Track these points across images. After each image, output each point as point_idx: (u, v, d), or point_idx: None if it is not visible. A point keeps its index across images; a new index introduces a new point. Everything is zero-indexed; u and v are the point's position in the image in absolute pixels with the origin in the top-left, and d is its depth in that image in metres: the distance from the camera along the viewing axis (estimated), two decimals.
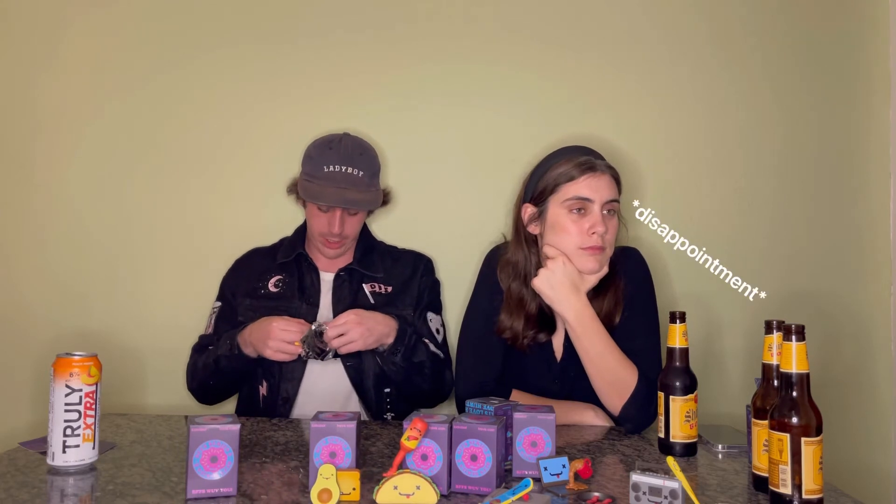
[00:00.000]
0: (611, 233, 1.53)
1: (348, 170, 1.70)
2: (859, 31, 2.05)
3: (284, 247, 1.85)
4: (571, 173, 1.52)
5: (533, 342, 1.59)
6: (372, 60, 2.04)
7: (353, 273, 1.79)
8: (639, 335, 1.54)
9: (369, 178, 1.72)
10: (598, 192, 1.51)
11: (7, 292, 2.03)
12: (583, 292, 1.51)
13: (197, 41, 2.04)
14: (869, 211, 2.04)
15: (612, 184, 1.54)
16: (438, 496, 1.04)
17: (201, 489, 1.06)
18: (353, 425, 1.10)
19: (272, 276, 1.81)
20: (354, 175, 1.70)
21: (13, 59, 2.05)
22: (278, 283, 1.79)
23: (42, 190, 2.04)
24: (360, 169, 1.71)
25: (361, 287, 1.78)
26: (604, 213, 1.52)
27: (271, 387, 1.71)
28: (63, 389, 1.17)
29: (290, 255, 1.81)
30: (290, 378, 1.70)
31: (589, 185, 1.51)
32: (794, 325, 1.05)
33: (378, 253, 1.86)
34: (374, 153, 1.79)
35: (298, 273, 1.80)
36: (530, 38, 2.03)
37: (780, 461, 1.03)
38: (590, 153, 1.58)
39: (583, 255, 1.51)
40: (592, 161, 1.54)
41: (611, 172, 1.55)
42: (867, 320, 2.03)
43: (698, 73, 2.04)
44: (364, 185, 1.71)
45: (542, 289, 1.51)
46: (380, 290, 1.79)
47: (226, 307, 1.80)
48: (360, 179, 1.70)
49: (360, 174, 1.70)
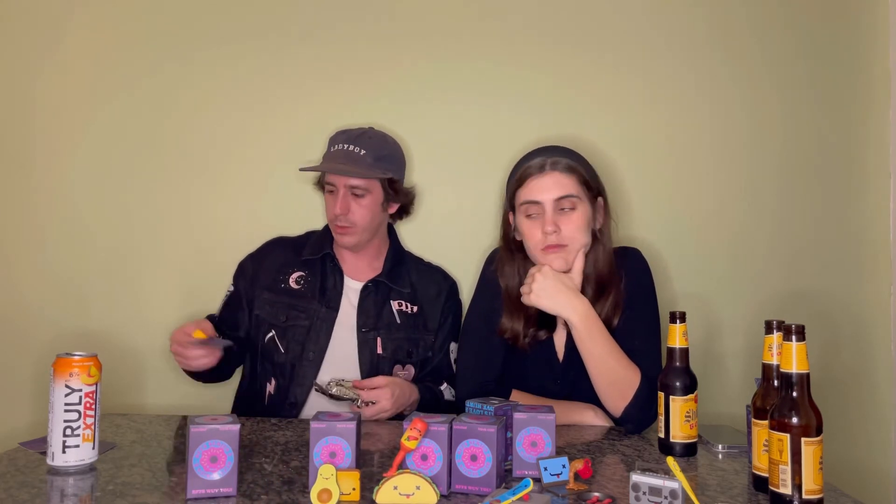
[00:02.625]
0: (570, 228, 1.52)
1: (350, 147, 1.69)
2: (859, 31, 2.05)
3: (311, 242, 1.82)
4: (521, 178, 1.56)
5: (534, 340, 1.59)
6: (375, 59, 2.04)
7: (380, 286, 1.77)
8: (639, 335, 1.53)
9: (372, 159, 1.69)
10: (546, 191, 1.52)
11: (7, 292, 2.03)
12: (580, 293, 1.51)
13: (198, 38, 2.04)
14: (869, 211, 2.04)
15: (563, 180, 1.53)
16: (438, 496, 1.04)
17: (201, 489, 1.06)
18: (353, 425, 1.10)
19: (294, 271, 1.78)
20: (355, 153, 1.68)
21: (13, 60, 2.05)
22: (300, 280, 1.76)
23: (42, 190, 2.04)
24: (362, 148, 1.69)
25: (388, 303, 1.76)
26: (560, 210, 1.52)
27: (279, 387, 1.70)
28: (63, 389, 1.17)
29: (316, 254, 1.79)
30: (300, 383, 1.68)
31: (536, 188, 1.53)
32: (794, 325, 1.05)
33: (406, 265, 1.84)
34: (393, 144, 1.79)
35: (322, 273, 1.77)
36: (539, 39, 2.03)
37: (780, 461, 1.03)
38: (546, 152, 1.57)
39: (546, 256, 1.53)
40: (539, 162, 1.54)
41: (562, 168, 1.54)
42: (867, 320, 2.03)
43: (700, 73, 2.04)
44: (365, 164, 1.69)
45: (539, 303, 1.50)
46: (407, 309, 1.77)
47: (236, 296, 1.78)
48: (360, 157, 1.68)
49: (363, 153, 1.69)
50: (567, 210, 1.53)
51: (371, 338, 1.72)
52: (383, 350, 1.72)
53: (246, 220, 2.01)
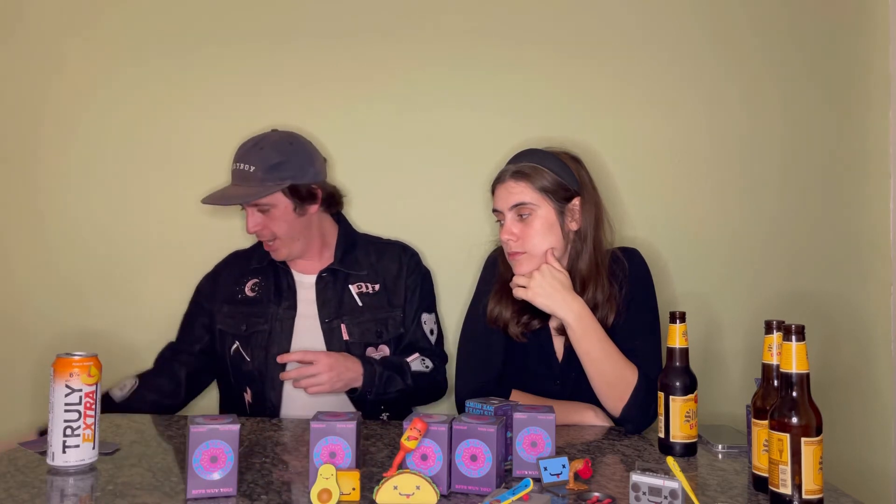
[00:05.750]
0: (528, 233, 1.53)
1: (241, 166, 1.67)
2: (859, 32, 2.05)
3: (259, 251, 1.81)
4: (492, 187, 1.59)
5: (527, 329, 1.59)
6: (375, 61, 2.03)
7: (337, 273, 1.76)
8: (639, 335, 1.53)
9: (263, 173, 1.64)
10: (502, 200, 1.55)
11: (7, 292, 2.03)
12: (576, 294, 1.51)
13: (197, 40, 2.04)
14: (869, 211, 2.04)
15: (515, 188, 1.53)
16: (438, 496, 1.04)
17: (201, 489, 1.06)
18: (353, 425, 1.10)
19: (248, 279, 1.79)
20: (245, 170, 1.66)
21: (14, 62, 2.05)
22: (254, 287, 1.77)
23: (42, 190, 2.04)
24: (251, 164, 1.65)
25: (347, 288, 1.76)
26: (520, 217, 1.53)
27: (256, 394, 1.71)
28: (63, 389, 1.17)
29: (263, 262, 1.79)
30: (272, 386, 1.69)
31: (497, 196, 1.57)
32: (794, 325, 1.05)
33: (361, 247, 1.82)
34: (289, 146, 1.69)
35: (274, 276, 1.77)
36: (530, 42, 2.03)
37: (780, 461, 1.03)
38: (515, 158, 1.59)
39: (512, 262, 1.55)
40: (503, 169, 1.58)
41: (513, 176, 1.54)
42: (867, 320, 2.03)
43: (699, 74, 2.04)
44: (256, 179, 1.64)
45: (536, 300, 1.49)
46: (367, 289, 1.76)
47: (189, 314, 1.80)
48: (251, 174, 1.65)
49: (252, 169, 1.65)
50: (525, 217, 1.53)
51: (335, 326, 1.72)
52: (350, 335, 1.71)
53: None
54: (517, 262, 1.54)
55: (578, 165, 1.60)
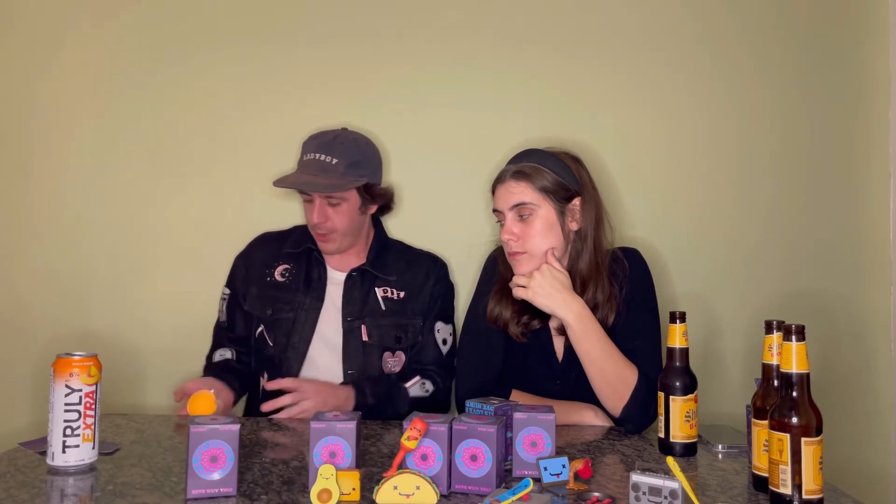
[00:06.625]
0: (528, 234, 1.53)
1: (321, 156, 1.67)
2: (859, 31, 2.05)
3: (294, 237, 1.83)
4: (493, 187, 1.59)
5: (527, 329, 1.59)
6: (375, 62, 2.04)
7: (365, 274, 1.77)
8: (639, 335, 1.53)
9: (345, 167, 1.67)
10: (502, 200, 1.55)
11: (7, 292, 2.03)
12: (576, 294, 1.51)
13: (195, 41, 2.04)
14: (869, 211, 2.04)
15: (516, 187, 1.54)
16: (438, 496, 1.04)
17: (201, 489, 1.06)
18: (353, 425, 1.10)
19: (280, 263, 1.79)
20: (326, 162, 1.66)
21: (13, 61, 2.05)
22: (285, 273, 1.77)
23: (42, 190, 2.04)
24: (333, 156, 1.67)
25: (373, 290, 1.76)
26: (520, 217, 1.53)
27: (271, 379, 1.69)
28: (63, 389, 1.17)
29: (298, 248, 1.80)
30: (287, 374, 1.69)
31: (497, 197, 1.57)
32: (794, 325, 1.05)
33: (392, 253, 1.83)
34: (367, 146, 1.76)
35: (307, 266, 1.78)
36: (530, 42, 2.03)
37: (780, 461, 1.03)
38: (515, 158, 1.59)
39: (512, 261, 1.55)
40: (503, 170, 1.58)
41: (514, 176, 1.54)
42: (867, 320, 2.03)
43: (696, 74, 2.04)
44: (338, 173, 1.66)
45: (536, 300, 1.49)
46: (392, 295, 1.77)
47: (233, 297, 1.80)
48: (332, 166, 1.66)
49: (334, 161, 1.66)
50: (525, 217, 1.54)
51: (356, 326, 1.72)
52: (369, 337, 1.72)
53: (245, 220, 2.00)
54: (517, 262, 1.54)
55: (578, 165, 1.60)
